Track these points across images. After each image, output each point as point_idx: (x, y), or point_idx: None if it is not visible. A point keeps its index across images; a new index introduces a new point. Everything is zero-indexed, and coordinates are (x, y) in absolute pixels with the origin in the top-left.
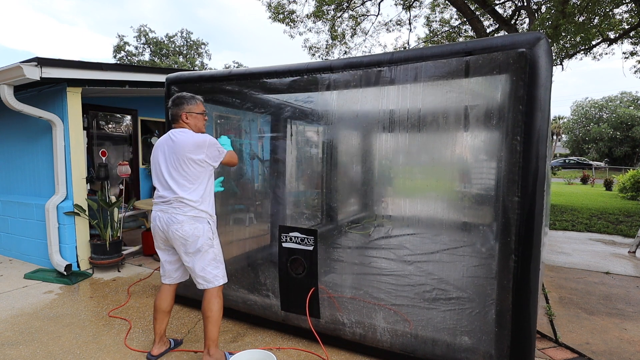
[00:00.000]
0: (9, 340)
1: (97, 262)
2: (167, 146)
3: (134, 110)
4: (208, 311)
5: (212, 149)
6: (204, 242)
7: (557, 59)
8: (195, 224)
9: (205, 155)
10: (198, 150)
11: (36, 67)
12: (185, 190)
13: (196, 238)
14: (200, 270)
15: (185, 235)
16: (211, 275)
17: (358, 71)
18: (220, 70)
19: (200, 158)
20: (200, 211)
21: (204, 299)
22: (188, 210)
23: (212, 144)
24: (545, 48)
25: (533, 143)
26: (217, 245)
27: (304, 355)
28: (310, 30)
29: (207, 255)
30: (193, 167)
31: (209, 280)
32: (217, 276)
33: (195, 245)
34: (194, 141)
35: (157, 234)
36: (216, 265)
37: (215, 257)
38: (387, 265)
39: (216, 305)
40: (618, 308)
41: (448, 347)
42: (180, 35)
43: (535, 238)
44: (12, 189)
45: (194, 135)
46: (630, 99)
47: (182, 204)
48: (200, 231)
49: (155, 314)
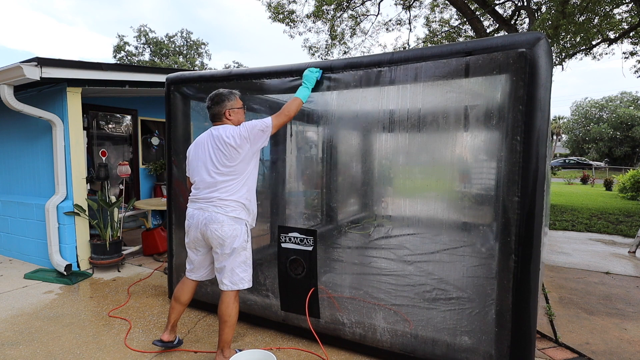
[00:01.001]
0: (9, 340)
1: (97, 262)
2: (212, 142)
3: (134, 110)
4: (226, 315)
5: (253, 132)
6: (239, 244)
7: (557, 59)
8: (234, 225)
9: (250, 145)
10: (244, 142)
11: (36, 67)
12: (228, 189)
13: (234, 239)
14: (230, 270)
15: (224, 236)
16: (238, 277)
17: (358, 71)
18: (220, 70)
19: (246, 149)
20: (242, 210)
21: (221, 301)
22: (230, 210)
23: (253, 127)
24: (545, 48)
25: (533, 143)
26: (250, 249)
27: (304, 355)
28: (310, 30)
29: (239, 257)
30: (240, 164)
31: (235, 282)
32: (244, 279)
33: (231, 245)
34: (238, 134)
35: (192, 232)
36: (245, 268)
37: (245, 260)
38: (387, 265)
39: (234, 310)
40: (618, 308)
41: (448, 347)
42: (180, 35)
43: (535, 238)
44: (12, 189)
45: (236, 129)
46: (630, 99)
47: (225, 202)
48: (238, 231)
49: (172, 303)
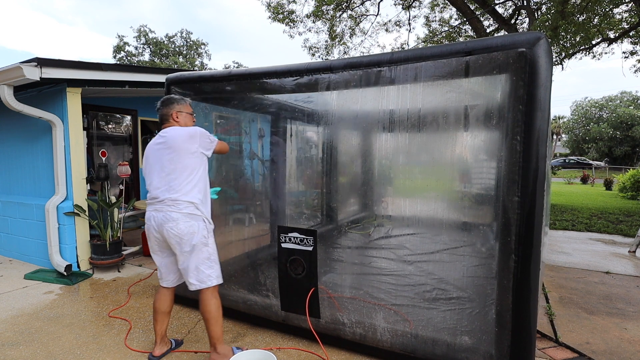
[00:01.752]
0: (9, 340)
1: (97, 262)
2: (159, 145)
3: (134, 111)
4: (206, 313)
5: (204, 138)
6: (198, 240)
7: (557, 58)
8: (190, 221)
9: (198, 145)
10: (191, 140)
11: (36, 67)
12: (179, 189)
13: (191, 235)
14: (194, 269)
15: (180, 233)
16: (204, 275)
17: (358, 71)
18: (220, 70)
19: (194, 148)
20: (195, 208)
21: (200, 301)
22: (183, 207)
23: (204, 133)
24: (545, 48)
25: (533, 143)
26: (212, 245)
27: (304, 355)
28: (310, 30)
29: (201, 254)
30: (188, 160)
31: (202, 280)
32: (211, 276)
33: (190, 242)
34: (186, 132)
35: (152, 235)
36: (210, 264)
37: (209, 257)
38: (387, 265)
39: (213, 305)
40: (618, 308)
41: (448, 347)
42: (180, 35)
43: (535, 238)
44: (12, 189)
45: (185, 127)
46: (630, 99)
47: (177, 201)
48: (195, 228)
49: (155, 315)
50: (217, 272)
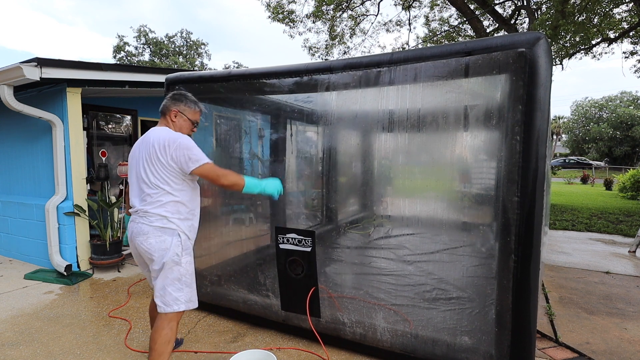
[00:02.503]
0: (9, 340)
1: (97, 262)
2: (141, 147)
3: (134, 111)
4: (152, 341)
5: (180, 151)
6: (169, 258)
7: (556, 58)
8: (162, 235)
9: (170, 158)
10: (163, 150)
11: (36, 67)
12: (150, 200)
13: (162, 252)
14: (161, 288)
15: (151, 249)
16: (171, 297)
17: (358, 72)
18: (220, 70)
19: (165, 159)
20: (168, 221)
21: (154, 326)
22: (154, 220)
23: (184, 146)
24: (544, 48)
25: (533, 143)
26: (187, 264)
27: (304, 355)
28: (310, 30)
29: (171, 273)
30: (161, 170)
31: (167, 303)
32: (178, 300)
33: (161, 259)
34: (165, 138)
35: (130, 246)
36: (179, 287)
37: (180, 278)
38: (387, 265)
39: (164, 337)
40: (618, 308)
41: (448, 347)
42: (180, 35)
43: (535, 238)
44: (12, 189)
45: (169, 133)
46: (630, 99)
47: (148, 213)
48: (168, 244)
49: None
50: (187, 296)
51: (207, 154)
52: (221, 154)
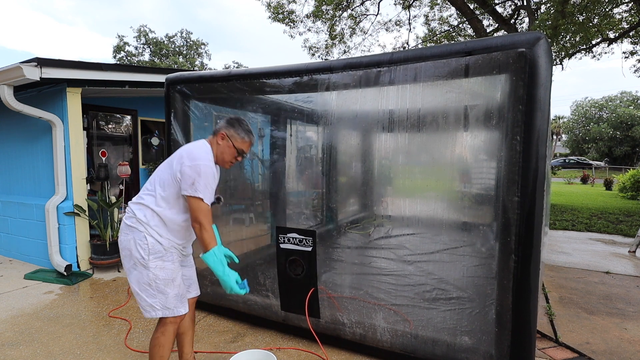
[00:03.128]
0: (9, 340)
1: (97, 262)
2: (175, 156)
3: (134, 111)
4: (149, 345)
5: (191, 170)
6: (135, 259)
7: (556, 58)
8: (129, 234)
9: (179, 170)
10: (180, 159)
11: (36, 67)
12: (138, 196)
13: (127, 251)
14: (135, 293)
15: (120, 246)
16: (145, 302)
17: (358, 71)
18: (220, 70)
19: (176, 169)
20: (137, 221)
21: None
22: (127, 216)
23: (198, 169)
24: (545, 48)
25: (533, 143)
26: (156, 269)
27: (304, 355)
28: (310, 30)
29: (140, 277)
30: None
31: (144, 308)
32: (153, 306)
33: (127, 259)
34: (189, 151)
35: None
36: (152, 292)
37: (149, 283)
38: (387, 265)
39: (153, 339)
40: (618, 308)
41: (448, 347)
42: (180, 35)
43: (535, 238)
44: (12, 189)
45: (198, 150)
46: (630, 99)
47: (127, 207)
48: (133, 243)
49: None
50: (161, 303)
51: None
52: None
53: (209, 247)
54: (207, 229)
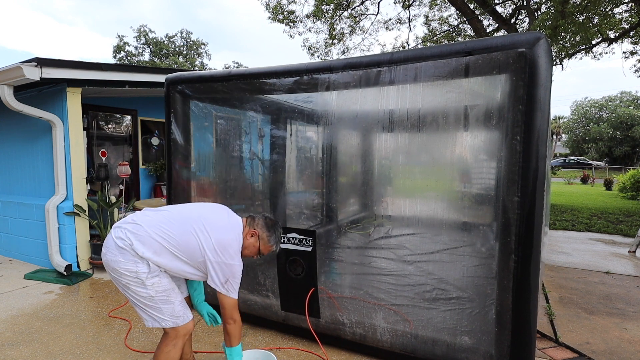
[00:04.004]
0: (9, 340)
1: (98, 262)
2: (205, 213)
3: (134, 111)
4: (154, 356)
5: (226, 269)
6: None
7: (556, 58)
8: (118, 256)
9: (211, 260)
10: (218, 245)
11: (36, 67)
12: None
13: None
14: (138, 309)
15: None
16: (150, 315)
17: (358, 71)
18: (220, 70)
19: (201, 247)
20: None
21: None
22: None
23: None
24: (545, 48)
25: (533, 143)
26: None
27: (304, 355)
28: (310, 30)
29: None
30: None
31: (148, 321)
32: (162, 317)
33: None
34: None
35: None
36: (156, 307)
37: (151, 298)
38: (387, 265)
39: (164, 353)
40: (618, 308)
41: (448, 347)
42: (180, 35)
43: (535, 238)
44: (12, 189)
45: (235, 242)
46: (630, 99)
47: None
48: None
49: None
50: (169, 312)
51: (207, 154)
52: (221, 153)
53: (236, 343)
54: (239, 325)
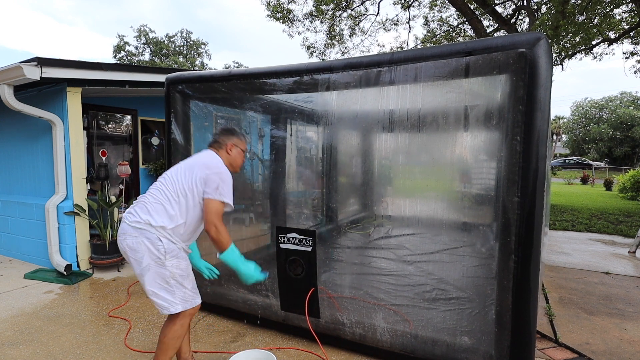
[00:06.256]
0: (9, 340)
1: (97, 262)
2: (189, 162)
3: (134, 110)
4: (161, 334)
5: (216, 176)
6: (151, 261)
7: (557, 58)
8: (138, 237)
9: (201, 178)
10: (201, 169)
11: (36, 67)
12: (149, 204)
13: (141, 254)
14: (151, 294)
15: (128, 250)
16: (164, 300)
17: (358, 71)
18: (220, 70)
19: (193, 179)
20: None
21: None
22: (132, 220)
23: (222, 176)
24: (545, 48)
25: (533, 143)
26: (173, 267)
27: (304, 355)
28: (309, 30)
29: (155, 277)
30: (187, 184)
31: (163, 306)
32: (173, 301)
33: (140, 263)
34: (210, 162)
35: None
36: (170, 289)
37: (168, 280)
38: (387, 265)
39: (172, 331)
40: (618, 308)
41: (448, 347)
42: (180, 35)
43: (535, 238)
44: (12, 188)
45: (219, 161)
46: (630, 99)
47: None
48: (145, 246)
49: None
50: (181, 296)
51: None
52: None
53: (226, 247)
54: (222, 230)
